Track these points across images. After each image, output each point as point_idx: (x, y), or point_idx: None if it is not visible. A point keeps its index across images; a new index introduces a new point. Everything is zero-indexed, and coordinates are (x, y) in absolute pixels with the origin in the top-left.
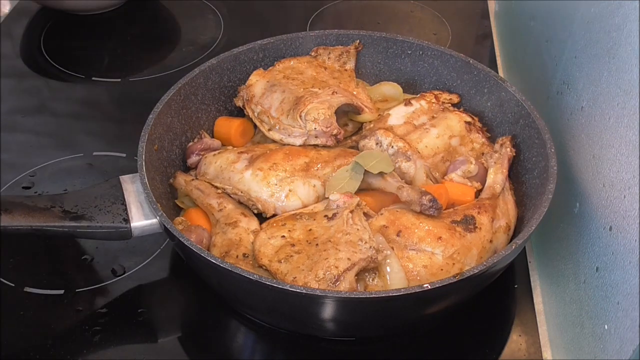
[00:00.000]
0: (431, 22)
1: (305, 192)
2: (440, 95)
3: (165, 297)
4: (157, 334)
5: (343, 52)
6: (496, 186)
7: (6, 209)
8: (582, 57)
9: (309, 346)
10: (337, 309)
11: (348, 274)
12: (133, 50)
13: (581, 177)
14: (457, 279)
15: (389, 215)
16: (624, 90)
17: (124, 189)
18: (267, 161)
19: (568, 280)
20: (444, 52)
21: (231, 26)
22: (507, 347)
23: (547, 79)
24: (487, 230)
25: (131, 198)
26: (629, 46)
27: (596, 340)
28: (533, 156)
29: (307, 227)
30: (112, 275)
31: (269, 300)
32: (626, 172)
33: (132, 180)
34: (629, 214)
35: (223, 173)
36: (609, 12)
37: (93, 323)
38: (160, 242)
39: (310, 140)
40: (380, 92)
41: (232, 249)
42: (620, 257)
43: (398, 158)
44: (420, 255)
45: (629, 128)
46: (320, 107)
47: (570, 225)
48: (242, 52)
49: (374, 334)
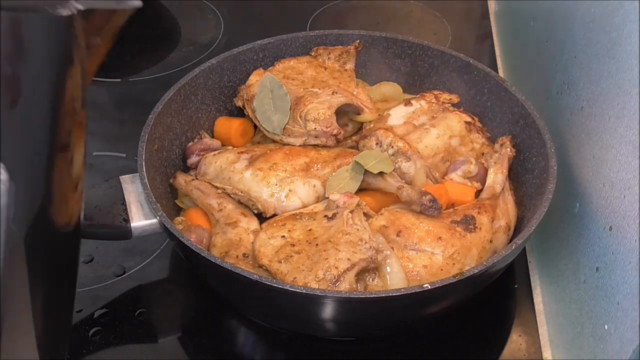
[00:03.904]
0: (431, 22)
1: (305, 192)
2: (440, 95)
3: (165, 297)
4: (157, 334)
5: (343, 52)
6: (496, 186)
7: None
8: (582, 57)
9: (309, 346)
10: (337, 309)
11: (348, 274)
12: (133, 50)
13: (581, 177)
14: (457, 279)
15: (389, 215)
16: (624, 90)
17: (124, 189)
18: (267, 161)
19: (568, 280)
20: (444, 52)
21: (231, 26)
22: (507, 347)
23: (547, 79)
24: (487, 230)
25: (131, 198)
26: (629, 46)
27: (596, 340)
28: (533, 156)
29: (307, 227)
30: (112, 275)
31: (269, 300)
32: (626, 172)
33: (132, 180)
34: (629, 214)
35: (223, 173)
36: (609, 12)
37: (93, 323)
38: (160, 242)
39: (310, 140)
40: (380, 92)
41: (232, 249)
42: (620, 257)
43: (398, 158)
44: (420, 255)
45: (629, 128)
46: (320, 107)
47: (570, 225)
48: (242, 52)
49: (374, 334)
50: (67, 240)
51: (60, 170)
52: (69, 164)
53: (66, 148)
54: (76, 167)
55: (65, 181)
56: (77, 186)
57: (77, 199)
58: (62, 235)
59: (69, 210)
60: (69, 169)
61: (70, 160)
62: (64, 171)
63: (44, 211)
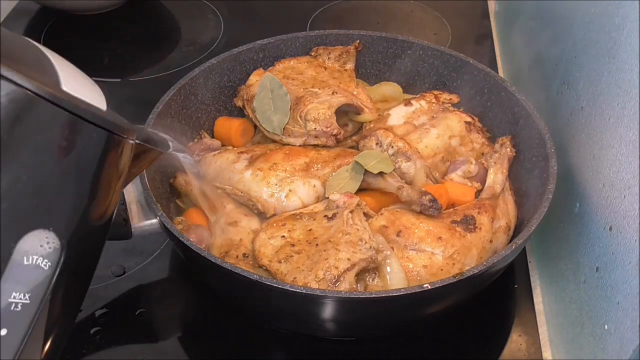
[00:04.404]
0: (431, 22)
1: (305, 192)
2: (440, 95)
3: (165, 297)
4: (157, 334)
5: (343, 52)
6: (496, 186)
7: None
8: (582, 57)
9: (309, 346)
10: (337, 309)
11: (348, 275)
12: (133, 50)
13: (581, 177)
14: (457, 279)
15: (389, 215)
16: (624, 90)
17: (124, 189)
18: (267, 161)
19: (568, 280)
20: (444, 52)
21: (231, 26)
22: (507, 347)
23: (547, 79)
24: (487, 230)
25: (131, 198)
26: (629, 46)
27: (596, 340)
28: (533, 156)
29: (307, 227)
30: (112, 275)
31: (269, 300)
32: (626, 172)
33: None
34: (629, 214)
35: (223, 173)
36: (609, 12)
37: (93, 323)
38: (160, 242)
39: (310, 140)
40: (380, 92)
41: (232, 249)
42: (620, 257)
43: (398, 158)
44: (420, 255)
45: (629, 128)
46: (320, 107)
47: (570, 225)
48: (242, 52)
49: (374, 334)
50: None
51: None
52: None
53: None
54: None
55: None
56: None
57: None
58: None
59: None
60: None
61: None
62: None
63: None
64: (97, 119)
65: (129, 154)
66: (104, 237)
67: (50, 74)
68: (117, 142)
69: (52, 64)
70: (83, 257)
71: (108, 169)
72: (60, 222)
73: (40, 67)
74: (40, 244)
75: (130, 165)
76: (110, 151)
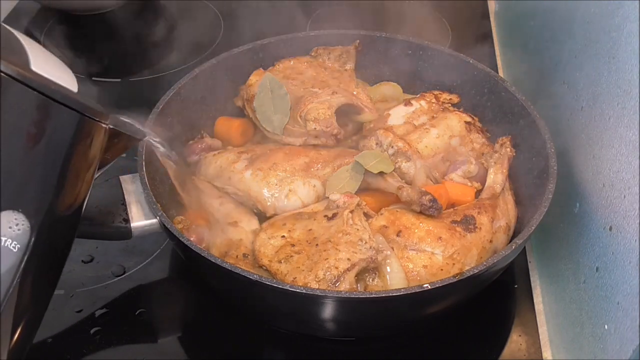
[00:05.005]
0: (431, 22)
1: (305, 192)
2: (440, 95)
3: (165, 297)
4: (157, 334)
5: (343, 52)
6: (496, 186)
7: None
8: (582, 57)
9: (309, 346)
10: (337, 309)
11: (348, 275)
12: (133, 50)
13: (581, 177)
14: (457, 279)
15: (389, 215)
16: (624, 90)
17: (124, 189)
18: (267, 161)
19: (568, 280)
20: (444, 52)
21: (231, 26)
22: (507, 347)
23: (547, 79)
24: (487, 230)
25: (131, 198)
26: (629, 46)
27: (596, 340)
28: (533, 156)
29: (307, 227)
30: (112, 275)
31: (269, 300)
32: (626, 172)
33: (132, 180)
34: (629, 214)
35: (223, 173)
36: (609, 12)
37: (93, 323)
38: (160, 242)
39: (310, 140)
40: (380, 92)
41: (232, 249)
42: (620, 257)
43: (398, 158)
44: (420, 255)
45: (629, 128)
46: (320, 107)
47: (570, 225)
48: (242, 52)
49: (374, 334)
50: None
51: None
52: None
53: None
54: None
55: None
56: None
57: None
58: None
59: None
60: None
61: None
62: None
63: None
64: (68, 100)
65: (102, 137)
66: (77, 221)
67: (19, 54)
68: (89, 125)
69: (21, 45)
70: (54, 240)
71: (80, 152)
72: (30, 203)
73: (9, 47)
74: (9, 226)
75: (104, 150)
76: (82, 133)
